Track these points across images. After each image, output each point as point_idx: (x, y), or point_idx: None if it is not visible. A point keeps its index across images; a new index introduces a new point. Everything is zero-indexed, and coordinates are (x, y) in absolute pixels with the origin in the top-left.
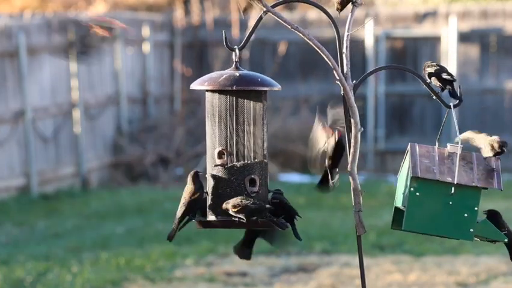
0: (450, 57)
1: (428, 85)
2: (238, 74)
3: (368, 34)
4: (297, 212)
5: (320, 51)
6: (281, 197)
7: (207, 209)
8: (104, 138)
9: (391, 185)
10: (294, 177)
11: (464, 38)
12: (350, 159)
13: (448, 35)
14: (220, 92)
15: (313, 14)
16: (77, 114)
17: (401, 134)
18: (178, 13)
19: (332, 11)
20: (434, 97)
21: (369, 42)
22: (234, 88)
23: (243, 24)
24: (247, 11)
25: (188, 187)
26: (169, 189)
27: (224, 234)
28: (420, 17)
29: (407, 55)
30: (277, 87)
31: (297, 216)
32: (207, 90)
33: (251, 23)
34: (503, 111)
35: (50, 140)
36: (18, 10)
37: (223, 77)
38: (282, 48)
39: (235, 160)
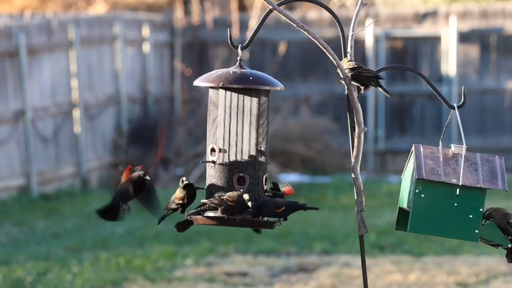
0: (450, 57)
1: (433, 86)
2: (240, 72)
3: (368, 34)
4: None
5: (325, 51)
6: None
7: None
8: (104, 138)
9: (391, 185)
10: (294, 177)
11: (464, 38)
12: (353, 159)
13: (448, 35)
14: (219, 88)
15: (313, 13)
16: (77, 114)
17: (401, 134)
18: (178, 13)
19: (336, 10)
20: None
21: (369, 42)
22: (234, 86)
23: (243, 24)
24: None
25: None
26: (169, 189)
27: (224, 234)
28: (420, 17)
29: (407, 55)
30: (280, 86)
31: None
32: (210, 87)
33: (251, 23)
34: (503, 111)
35: (50, 140)
36: (18, 10)
37: (225, 74)
38: (282, 48)
39: (227, 157)
